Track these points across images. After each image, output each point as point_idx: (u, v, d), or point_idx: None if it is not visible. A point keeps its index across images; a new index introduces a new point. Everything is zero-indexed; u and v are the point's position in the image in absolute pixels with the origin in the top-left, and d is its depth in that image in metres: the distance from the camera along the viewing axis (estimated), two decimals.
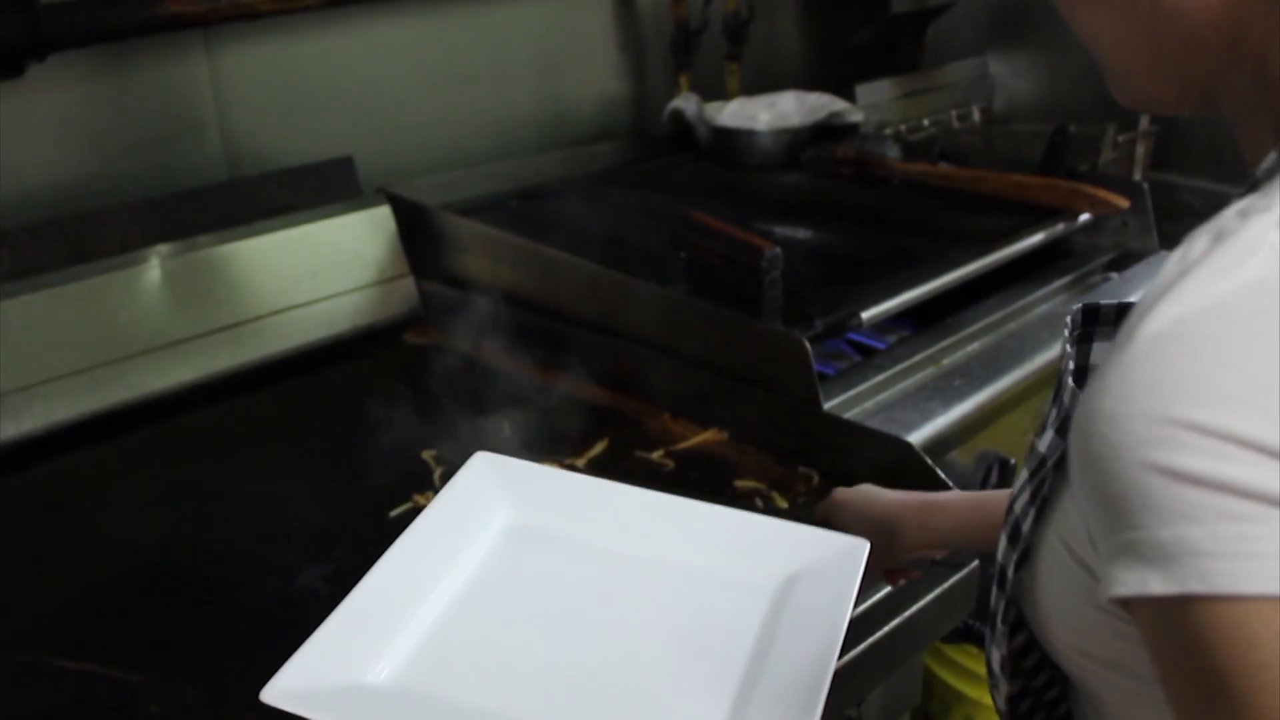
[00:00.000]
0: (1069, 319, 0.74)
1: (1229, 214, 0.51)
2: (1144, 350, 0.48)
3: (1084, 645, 0.62)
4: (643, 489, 1.00)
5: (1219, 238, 0.49)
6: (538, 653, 0.85)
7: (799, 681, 0.78)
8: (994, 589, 0.70)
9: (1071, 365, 0.72)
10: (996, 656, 0.71)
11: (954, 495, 0.99)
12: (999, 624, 0.70)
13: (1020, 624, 0.68)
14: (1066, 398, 0.66)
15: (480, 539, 0.97)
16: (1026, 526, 0.65)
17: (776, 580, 0.91)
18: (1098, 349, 0.73)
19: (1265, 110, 0.57)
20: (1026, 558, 0.65)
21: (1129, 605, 0.49)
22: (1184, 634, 0.46)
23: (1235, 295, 0.47)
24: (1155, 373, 0.47)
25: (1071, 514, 0.60)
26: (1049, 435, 0.66)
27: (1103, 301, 0.74)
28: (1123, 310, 0.73)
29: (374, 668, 0.82)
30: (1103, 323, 0.74)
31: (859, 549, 0.90)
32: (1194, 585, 0.45)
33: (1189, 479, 0.45)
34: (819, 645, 0.80)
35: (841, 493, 1.03)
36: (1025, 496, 0.66)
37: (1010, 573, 0.67)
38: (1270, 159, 0.55)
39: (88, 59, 1.49)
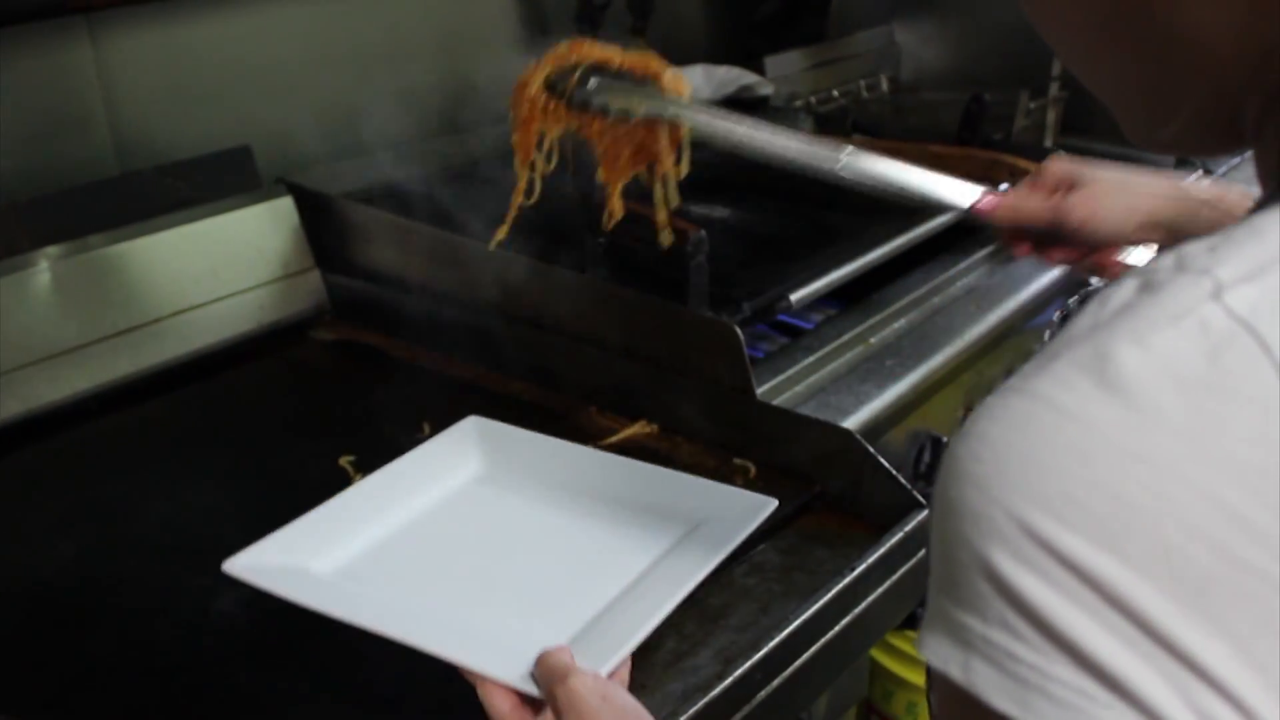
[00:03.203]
0: (1058, 314, 0.69)
1: (1168, 260, 0.43)
2: (1024, 409, 0.41)
3: None
4: (602, 451, 1.17)
5: (1146, 288, 0.42)
6: (458, 570, 1.02)
7: (640, 609, 0.91)
8: None
9: None
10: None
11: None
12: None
13: None
14: None
15: (446, 481, 1.12)
16: None
17: (684, 527, 1.04)
18: None
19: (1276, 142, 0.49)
20: None
21: None
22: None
23: (1135, 377, 0.40)
24: (1019, 449, 0.41)
25: None
26: None
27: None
28: None
29: (321, 560, 0.99)
30: None
31: (764, 505, 1.03)
32: (979, 688, 0.41)
33: (1003, 586, 0.40)
34: (676, 580, 0.93)
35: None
36: None
37: None
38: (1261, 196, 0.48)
39: None
